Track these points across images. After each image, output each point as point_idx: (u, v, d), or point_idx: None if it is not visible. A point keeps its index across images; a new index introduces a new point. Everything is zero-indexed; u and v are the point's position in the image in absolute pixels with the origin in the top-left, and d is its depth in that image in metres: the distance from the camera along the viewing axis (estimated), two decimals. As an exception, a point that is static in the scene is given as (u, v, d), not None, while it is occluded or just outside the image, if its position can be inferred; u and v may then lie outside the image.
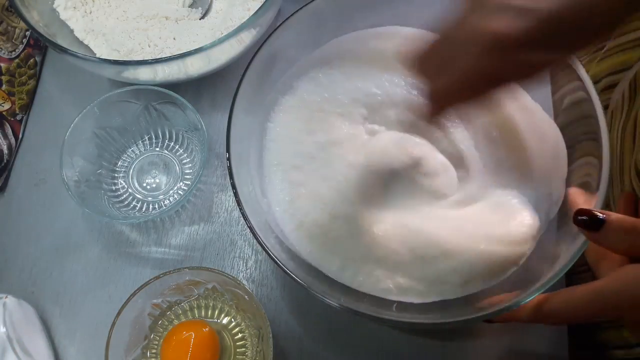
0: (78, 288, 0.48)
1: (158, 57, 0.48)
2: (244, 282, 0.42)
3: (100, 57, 0.52)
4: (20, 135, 0.54)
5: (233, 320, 0.44)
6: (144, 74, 0.49)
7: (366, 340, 0.45)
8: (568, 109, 0.42)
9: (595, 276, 0.36)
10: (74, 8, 0.55)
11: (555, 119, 0.43)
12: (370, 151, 0.45)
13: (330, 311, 0.46)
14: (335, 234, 0.42)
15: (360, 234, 0.42)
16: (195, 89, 0.55)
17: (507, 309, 0.34)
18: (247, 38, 0.50)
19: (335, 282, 0.41)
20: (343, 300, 0.38)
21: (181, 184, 0.51)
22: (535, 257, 0.40)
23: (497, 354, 0.45)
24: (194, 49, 0.46)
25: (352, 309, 0.36)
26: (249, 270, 0.48)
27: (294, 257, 0.41)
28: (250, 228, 0.37)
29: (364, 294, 0.40)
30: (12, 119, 0.53)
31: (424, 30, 0.47)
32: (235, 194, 0.38)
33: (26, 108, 0.55)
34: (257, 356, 0.41)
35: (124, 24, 0.54)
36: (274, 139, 0.46)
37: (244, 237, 0.49)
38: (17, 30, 0.54)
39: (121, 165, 0.52)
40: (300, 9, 0.44)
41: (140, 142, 0.53)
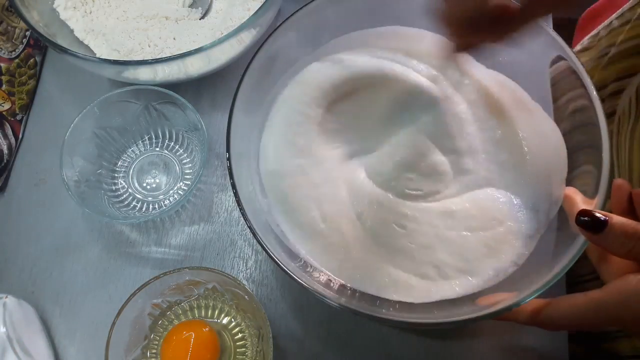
0: (78, 288, 0.48)
1: (158, 57, 0.48)
2: (244, 282, 0.42)
3: (100, 57, 0.52)
4: (20, 135, 0.54)
5: (233, 320, 0.44)
6: (144, 74, 0.49)
7: (367, 340, 0.45)
8: (571, 116, 0.42)
9: (600, 279, 0.36)
10: (74, 8, 0.55)
11: (559, 125, 0.43)
12: None
13: (330, 311, 0.46)
14: (333, 233, 0.42)
15: (357, 234, 0.42)
16: (195, 89, 0.55)
17: (508, 309, 0.34)
18: (247, 38, 0.50)
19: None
20: (343, 300, 0.38)
21: (181, 184, 0.51)
22: (536, 257, 0.40)
23: (498, 354, 0.45)
24: (194, 49, 0.46)
25: (352, 309, 0.36)
26: (249, 270, 0.48)
27: (294, 257, 0.41)
28: (250, 228, 0.37)
29: (363, 293, 0.40)
30: (12, 119, 0.53)
31: (424, 30, 0.47)
32: (236, 194, 0.38)
33: (26, 108, 0.55)
34: (257, 356, 0.41)
35: (124, 24, 0.54)
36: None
37: (244, 237, 0.49)
38: (17, 30, 0.54)
39: (121, 165, 0.52)
40: (300, 9, 0.44)
41: (140, 142, 0.53)
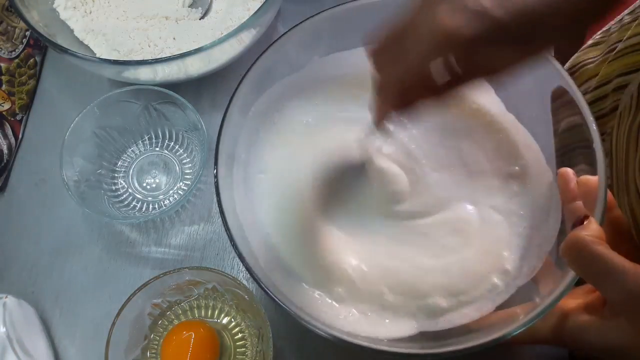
0: (78, 288, 0.48)
1: (158, 57, 0.48)
2: (244, 282, 0.41)
3: (100, 57, 0.52)
4: (20, 135, 0.54)
5: (233, 320, 0.44)
6: (144, 74, 0.49)
7: (366, 340, 0.45)
8: (565, 132, 0.41)
9: None
10: (74, 8, 0.55)
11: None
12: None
13: (330, 311, 0.46)
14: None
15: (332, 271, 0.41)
16: (195, 89, 0.55)
17: (501, 338, 0.33)
18: (247, 38, 0.50)
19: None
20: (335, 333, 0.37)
21: (181, 184, 0.51)
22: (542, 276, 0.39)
23: (498, 354, 0.45)
24: (194, 49, 0.46)
25: (347, 341, 0.35)
26: (249, 270, 0.48)
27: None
28: (239, 255, 0.36)
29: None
30: (12, 119, 0.53)
31: None
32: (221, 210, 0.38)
33: (26, 108, 0.55)
34: (257, 356, 0.41)
35: (124, 24, 0.54)
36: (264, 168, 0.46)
37: (244, 237, 0.49)
38: (17, 30, 0.54)
39: (121, 165, 0.52)
40: (295, 26, 0.43)
41: (140, 142, 0.53)
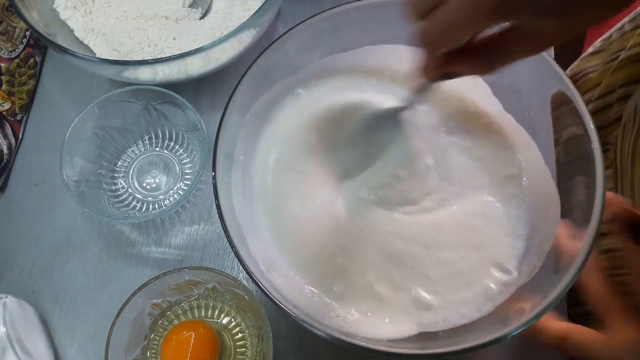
0: (78, 288, 0.48)
1: (158, 57, 0.48)
2: (244, 282, 0.41)
3: (100, 57, 0.52)
4: (20, 135, 0.54)
5: (233, 320, 0.44)
6: (144, 74, 0.49)
7: (366, 340, 0.45)
8: (566, 143, 0.41)
9: None
10: (74, 8, 0.55)
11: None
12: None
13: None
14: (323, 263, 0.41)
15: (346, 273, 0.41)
16: (195, 89, 0.55)
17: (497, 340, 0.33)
18: (247, 38, 0.50)
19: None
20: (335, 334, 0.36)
21: (181, 184, 0.51)
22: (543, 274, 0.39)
23: (498, 354, 0.45)
24: (194, 49, 0.46)
25: (345, 341, 0.35)
26: (249, 270, 0.48)
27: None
28: (238, 258, 0.36)
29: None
30: (12, 119, 0.53)
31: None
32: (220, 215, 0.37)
33: (26, 108, 0.55)
34: (257, 356, 0.41)
35: (124, 24, 0.54)
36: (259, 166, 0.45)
37: (244, 237, 0.49)
38: (17, 30, 0.54)
39: (121, 165, 0.52)
40: (295, 26, 0.43)
41: (140, 142, 0.53)
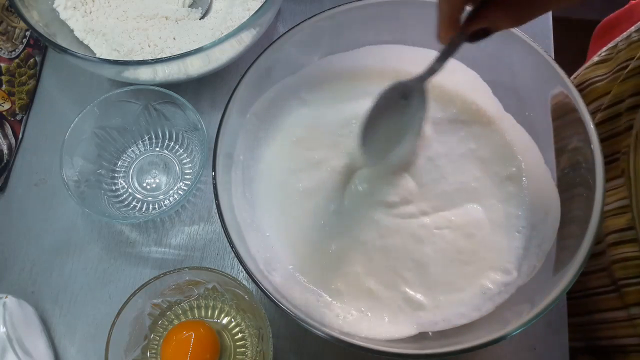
0: (78, 288, 0.48)
1: (158, 57, 0.48)
2: (244, 282, 0.41)
3: (100, 57, 0.52)
4: (20, 135, 0.54)
5: (233, 320, 0.44)
6: (144, 74, 0.49)
7: (366, 340, 0.45)
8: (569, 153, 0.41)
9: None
10: (74, 8, 0.55)
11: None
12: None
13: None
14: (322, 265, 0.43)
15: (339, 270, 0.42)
16: (195, 89, 0.55)
17: (502, 339, 0.34)
18: (247, 38, 0.50)
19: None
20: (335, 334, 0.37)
21: (181, 184, 0.51)
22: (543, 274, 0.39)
23: (498, 354, 0.45)
24: (194, 49, 0.46)
25: (345, 341, 0.35)
26: (249, 270, 0.48)
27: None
28: (238, 258, 0.37)
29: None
30: (12, 119, 0.53)
31: (421, 47, 0.46)
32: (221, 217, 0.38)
33: (26, 108, 0.55)
34: (257, 356, 0.41)
35: (124, 24, 0.54)
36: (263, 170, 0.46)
37: (244, 237, 0.49)
38: (17, 30, 0.54)
39: (121, 165, 0.52)
40: (295, 26, 0.43)
41: (140, 142, 0.53)
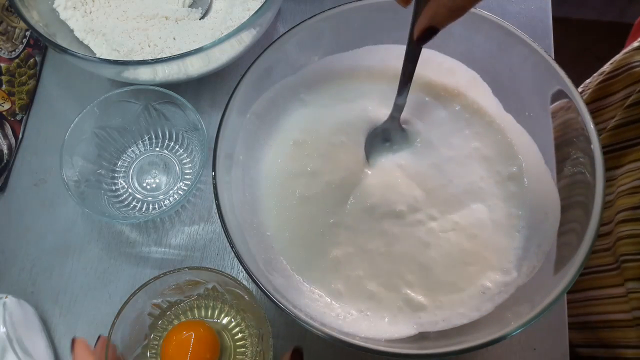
0: (78, 288, 0.48)
1: (158, 57, 0.48)
2: (244, 282, 0.41)
3: (100, 57, 0.52)
4: (20, 135, 0.54)
5: (233, 320, 0.44)
6: (144, 74, 0.49)
7: (366, 340, 0.45)
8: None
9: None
10: (74, 8, 0.55)
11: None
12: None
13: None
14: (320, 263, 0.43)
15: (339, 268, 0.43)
16: (195, 89, 0.55)
17: (501, 339, 0.34)
18: (247, 38, 0.50)
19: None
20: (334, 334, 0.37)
21: (181, 184, 0.51)
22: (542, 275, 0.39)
23: (498, 354, 0.45)
24: (194, 49, 0.46)
25: (345, 341, 0.35)
26: (249, 270, 0.48)
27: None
28: (238, 258, 0.37)
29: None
30: (12, 119, 0.53)
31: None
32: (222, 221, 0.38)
33: (26, 108, 0.55)
34: (257, 356, 0.41)
35: (124, 24, 0.54)
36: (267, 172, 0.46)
37: (244, 237, 0.49)
38: (17, 30, 0.54)
39: (121, 165, 0.52)
40: (295, 26, 0.44)
41: (140, 142, 0.53)
